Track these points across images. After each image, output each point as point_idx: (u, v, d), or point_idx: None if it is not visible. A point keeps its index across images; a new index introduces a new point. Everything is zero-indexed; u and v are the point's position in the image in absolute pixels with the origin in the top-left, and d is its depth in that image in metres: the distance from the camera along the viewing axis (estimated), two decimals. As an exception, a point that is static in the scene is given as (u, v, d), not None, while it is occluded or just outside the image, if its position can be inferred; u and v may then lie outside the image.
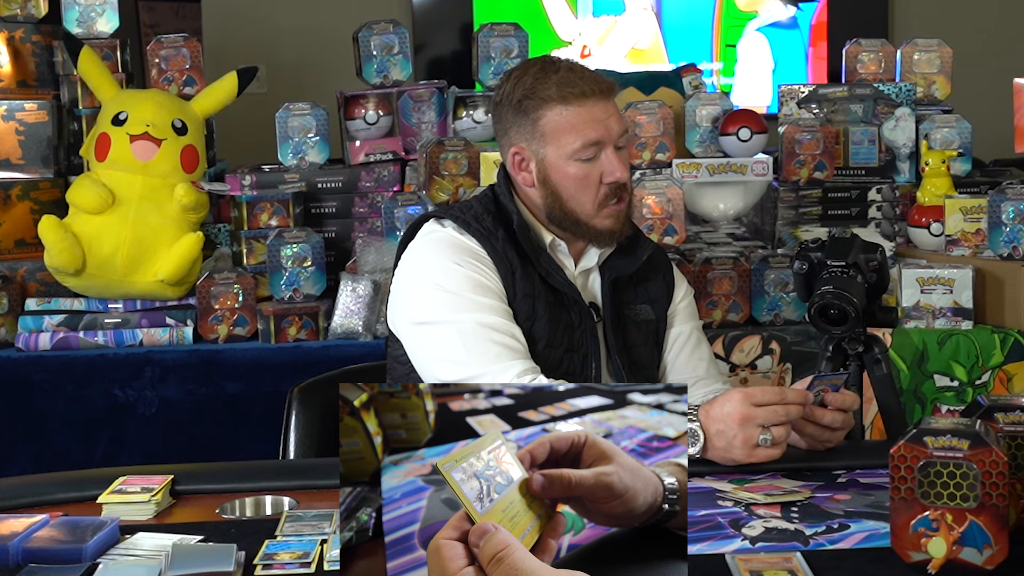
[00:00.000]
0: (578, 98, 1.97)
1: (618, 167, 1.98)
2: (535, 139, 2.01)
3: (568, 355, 2.02)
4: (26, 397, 2.91)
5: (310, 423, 2.21)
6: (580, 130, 1.97)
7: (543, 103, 1.98)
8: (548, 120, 1.99)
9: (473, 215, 2.04)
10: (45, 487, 1.77)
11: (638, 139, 3.22)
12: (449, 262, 1.98)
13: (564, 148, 1.98)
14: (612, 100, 2.01)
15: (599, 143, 1.98)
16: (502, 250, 2.00)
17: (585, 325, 2.03)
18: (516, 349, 1.92)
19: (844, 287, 2.20)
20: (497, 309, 1.96)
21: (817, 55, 5.29)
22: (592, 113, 1.98)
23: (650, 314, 2.12)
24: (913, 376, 2.90)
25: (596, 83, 1.99)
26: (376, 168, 3.23)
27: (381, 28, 3.25)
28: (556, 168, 2.00)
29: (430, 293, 1.97)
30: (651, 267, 2.15)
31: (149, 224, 2.97)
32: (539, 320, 1.99)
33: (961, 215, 2.99)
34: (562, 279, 2.02)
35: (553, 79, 1.98)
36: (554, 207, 2.02)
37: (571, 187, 1.99)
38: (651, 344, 2.12)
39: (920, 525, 1.37)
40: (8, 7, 3.19)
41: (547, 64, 2.02)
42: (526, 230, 2.02)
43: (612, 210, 2.00)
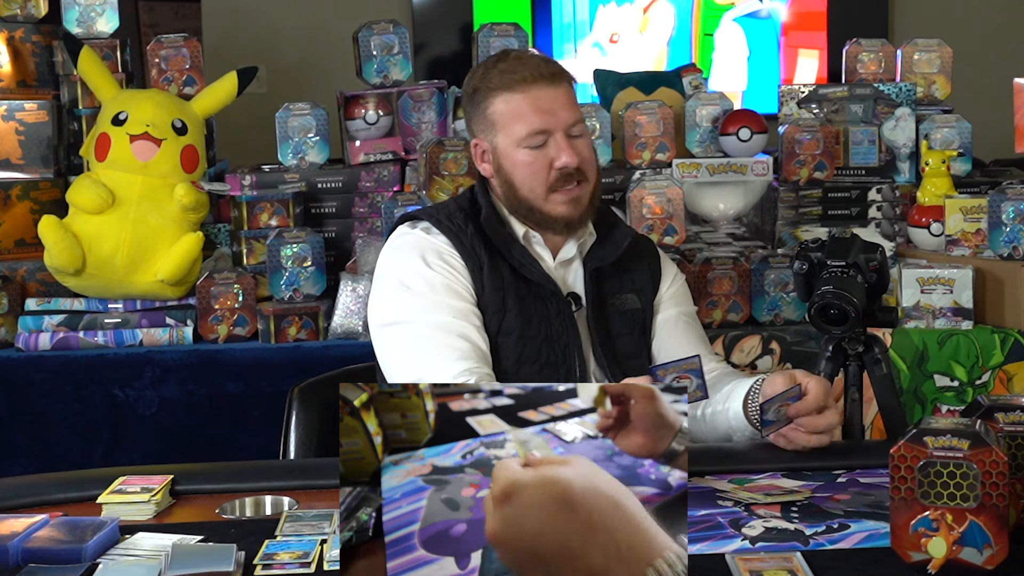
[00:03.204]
0: (521, 84, 1.99)
1: (567, 152, 1.99)
2: (488, 129, 2.05)
3: (547, 345, 2.02)
4: (26, 397, 2.91)
5: (310, 423, 2.21)
6: (525, 117, 2.00)
7: (490, 92, 2.02)
8: (496, 109, 2.02)
9: (446, 213, 2.08)
10: (45, 487, 1.77)
11: (638, 139, 3.22)
12: (412, 265, 2.02)
13: (512, 136, 2.01)
14: (562, 87, 2.02)
15: (546, 130, 1.99)
16: (470, 245, 2.03)
17: (564, 315, 2.04)
18: (461, 349, 1.94)
19: (844, 287, 2.20)
20: (454, 309, 1.98)
21: (789, 44, 5.37)
22: (536, 100, 1.99)
23: (636, 303, 2.12)
24: (913, 376, 2.90)
25: (539, 69, 2.01)
26: (376, 168, 3.23)
27: (381, 28, 3.25)
28: (507, 156, 2.03)
29: (391, 296, 2.03)
30: (636, 256, 2.15)
31: (149, 224, 2.97)
32: (509, 312, 2.01)
33: (961, 215, 2.99)
34: (537, 270, 2.04)
35: (499, 68, 2.02)
36: (510, 195, 2.05)
37: (521, 174, 2.02)
38: (637, 333, 2.12)
39: (920, 525, 1.37)
40: (8, 7, 3.19)
41: (499, 56, 2.06)
42: (495, 223, 2.05)
43: (564, 195, 2.01)
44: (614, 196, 3.23)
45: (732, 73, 5.34)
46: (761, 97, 5.16)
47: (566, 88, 2.03)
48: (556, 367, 2.02)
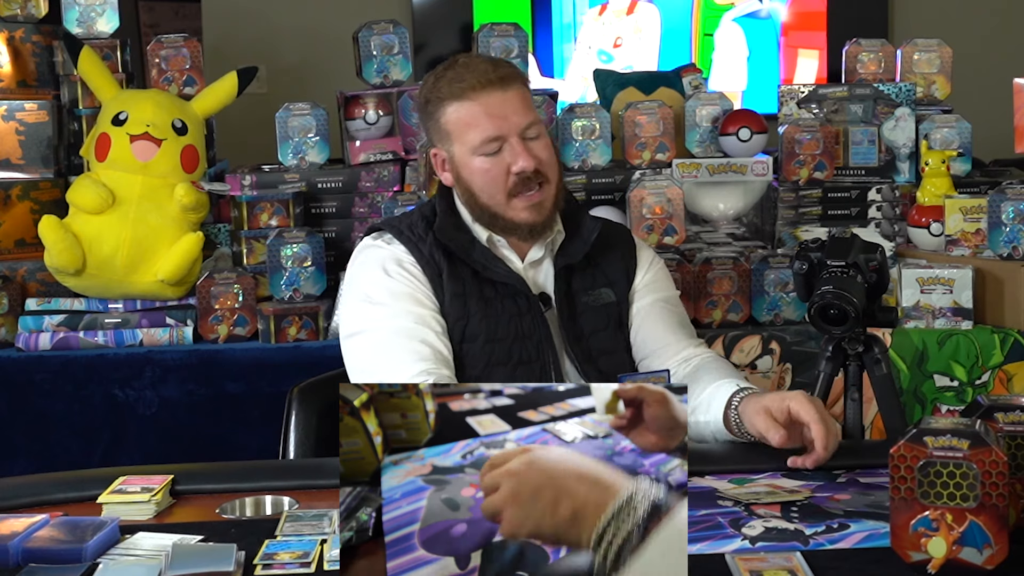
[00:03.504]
0: (469, 92, 1.97)
1: (522, 156, 1.97)
2: (443, 139, 2.03)
3: (519, 343, 2.02)
4: (26, 397, 2.91)
5: (310, 423, 2.21)
6: (477, 124, 1.97)
7: (441, 102, 2.00)
8: (448, 118, 2.00)
9: (408, 223, 2.08)
10: (45, 487, 1.77)
11: (638, 139, 3.22)
12: (372, 276, 2.03)
13: (467, 144, 1.99)
14: (512, 90, 1.99)
15: (500, 136, 1.97)
16: (428, 254, 2.03)
17: (534, 312, 2.03)
18: (420, 352, 1.94)
19: (844, 287, 2.20)
20: (414, 315, 1.98)
21: (788, 44, 5.38)
22: (486, 106, 1.97)
23: (610, 296, 2.11)
24: (913, 376, 2.90)
25: (487, 75, 1.97)
26: (376, 168, 3.23)
27: (381, 28, 3.25)
28: (464, 164, 2.01)
29: (354, 308, 2.04)
30: (608, 248, 2.13)
31: (149, 224, 2.97)
32: (472, 318, 2.01)
33: (961, 215, 2.99)
34: (502, 269, 2.03)
35: (447, 77, 1.99)
36: (471, 203, 2.04)
37: (480, 181, 2.00)
38: (612, 328, 2.10)
39: (920, 525, 1.37)
40: (8, 7, 3.19)
41: (447, 63, 2.03)
42: (450, 230, 2.03)
43: (525, 200, 2.00)
44: (614, 196, 3.23)
45: (732, 73, 5.35)
46: (761, 97, 5.16)
47: (517, 90, 2.00)
48: (530, 364, 2.02)
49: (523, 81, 2.03)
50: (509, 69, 2.01)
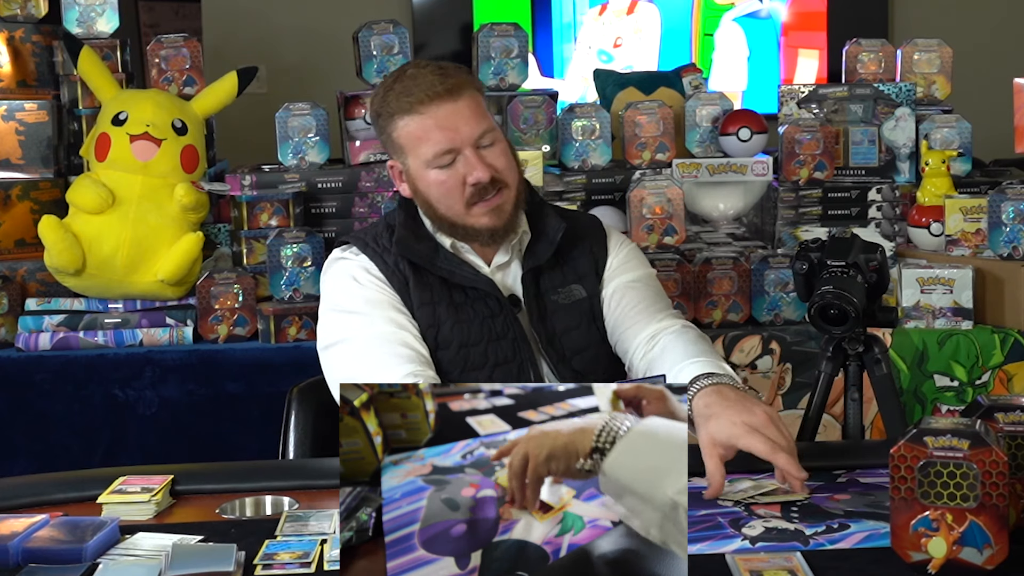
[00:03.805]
0: (418, 106, 1.94)
1: (477, 167, 1.94)
2: (397, 152, 2.01)
3: (494, 345, 2.00)
4: (26, 397, 2.91)
5: (310, 423, 2.21)
6: (428, 138, 1.94)
7: (391, 117, 1.98)
8: (399, 132, 1.98)
9: (373, 235, 2.07)
10: (45, 487, 1.77)
11: (638, 139, 3.22)
12: (343, 286, 2.03)
13: (420, 157, 1.97)
14: (462, 100, 1.95)
15: (452, 149, 1.94)
16: (394, 264, 2.02)
17: (505, 312, 2.02)
18: (404, 355, 1.93)
19: (844, 287, 2.20)
20: (391, 320, 1.98)
21: (789, 44, 5.39)
22: (436, 119, 1.94)
23: (581, 292, 2.08)
24: (913, 376, 2.90)
25: (434, 87, 1.93)
26: (376, 168, 3.23)
27: (381, 28, 3.25)
28: (419, 177, 1.99)
29: (329, 320, 2.05)
30: (574, 244, 2.11)
31: (149, 224, 2.97)
32: (443, 325, 1.99)
33: (961, 215, 2.99)
34: (468, 273, 2.01)
35: (395, 90, 1.96)
36: (430, 213, 2.02)
37: (436, 193, 1.98)
38: (586, 324, 2.07)
39: (920, 525, 1.37)
40: (8, 7, 3.19)
41: (396, 74, 2.00)
42: (410, 241, 2.02)
43: (484, 207, 1.97)
44: (614, 196, 3.23)
45: (732, 73, 5.35)
46: (761, 97, 5.16)
47: (468, 99, 1.95)
48: (507, 365, 2.00)
49: (474, 88, 1.98)
50: (458, 78, 1.96)
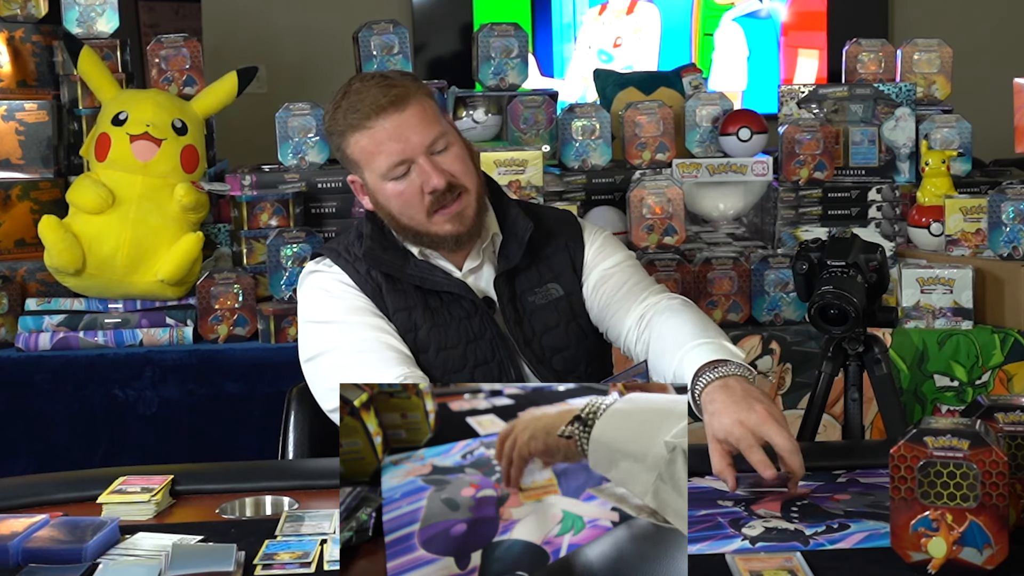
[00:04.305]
0: (365, 121, 1.93)
1: (432, 174, 1.92)
2: (354, 167, 2.01)
3: (472, 346, 2.00)
4: (26, 397, 2.91)
5: (310, 423, 2.21)
6: (380, 152, 1.94)
7: (342, 134, 1.97)
8: (352, 148, 1.97)
9: (345, 244, 2.07)
10: (45, 487, 1.77)
11: (638, 139, 3.22)
12: (318, 298, 2.03)
13: (375, 171, 1.96)
14: (409, 109, 1.93)
15: (405, 159, 1.93)
16: (366, 272, 2.02)
17: (481, 312, 2.01)
18: (392, 357, 1.93)
19: (844, 287, 2.20)
20: (372, 325, 1.97)
21: (788, 44, 5.39)
22: (385, 132, 1.92)
23: (558, 291, 2.07)
24: (913, 376, 2.90)
25: (378, 101, 1.92)
26: (376, 168, 3.22)
27: (381, 28, 3.25)
28: (378, 190, 1.98)
29: (307, 330, 2.04)
30: (549, 241, 2.09)
31: (149, 224, 2.97)
32: (420, 330, 1.99)
33: (961, 215, 2.99)
34: (440, 277, 2.00)
35: (342, 107, 1.96)
36: (394, 224, 2.01)
37: (396, 205, 1.97)
38: (565, 322, 2.06)
39: (920, 525, 1.37)
40: (8, 7, 3.19)
41: (343, 91, 1.98)
42: (378, 253, 2.01)
43: (445, 214, 1.96)
44: (614, 196, 3.23)
45: (732, 73, 5.35)
46: (761, 97, 5.16)
47: (415, 108, 1.94)
48: (487, 365, 2.00)
49: (422, 94, 1.97)
50: (402, 88, 1.94)
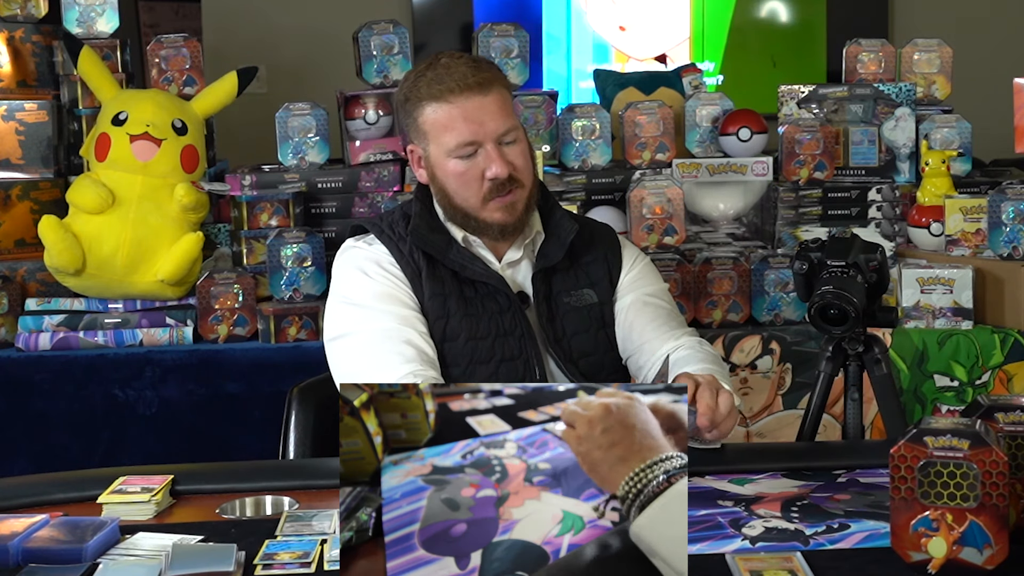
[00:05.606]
0: (448, 95, 1.96)
1: (497, 163, 1.96)
2: (420, 137, 2.03)
3: (500, 341, 2.01)
4: (26, 397, 2.91)
5: (310, 423, 2.21)
6: (453, 128, 1.97)
7: (419, 102, 2.00)
8: (426, 118, 2.00)
9: (390, 222, 2.08)
10: (45, 487, 1.77)
11: (638, 139, 3.22)
12: (353, 278, 2.04)
13: (442, 146, 1.99)
14: (491, 95, 1.97)
15: (475, 141, 1.96)
16: (408, 253, 2.03)
17: (514, 309, 2.03)
18: (406, 353, 1.94)
19: (844, 287, 2.20)
20: (398, 316, 1.98)
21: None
22: (464, 110, 1.96)
23: (592, 297, 2.10)
24: (913, 376, 2.90)
25: (466, 79, 1.96)
26: (376, 168, 3.23)
27: (381, 28, 3.25)
28: (439, 165, 2.01)
29: (337, 311, 2.05)
30: (591, 248, 2.13)
31: (149, 224, 2.97)
32: (452, 317, 2.01)
33: (961, 215, 2.99)
34: (479, 268, 2.03)
35: (427, 77, 1.99)
36: (444, 202, 2.04)
37: (454, 183, 2.00)
38: (594, 329, 2.09)
39: (920, 525, 1.37)
40: (8, 7, 3.19)
41: (429, 62, 2.02)
42: (424, 232, 2.03)
43: (499, 203, 1.99)
44: (614, 196, 3.23)
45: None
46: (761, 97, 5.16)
47: (496, 95, 1.98)
48: (513, 361, 2.02)
49: (504, 85, 2.01)
50: (490, 73, 1.99)
